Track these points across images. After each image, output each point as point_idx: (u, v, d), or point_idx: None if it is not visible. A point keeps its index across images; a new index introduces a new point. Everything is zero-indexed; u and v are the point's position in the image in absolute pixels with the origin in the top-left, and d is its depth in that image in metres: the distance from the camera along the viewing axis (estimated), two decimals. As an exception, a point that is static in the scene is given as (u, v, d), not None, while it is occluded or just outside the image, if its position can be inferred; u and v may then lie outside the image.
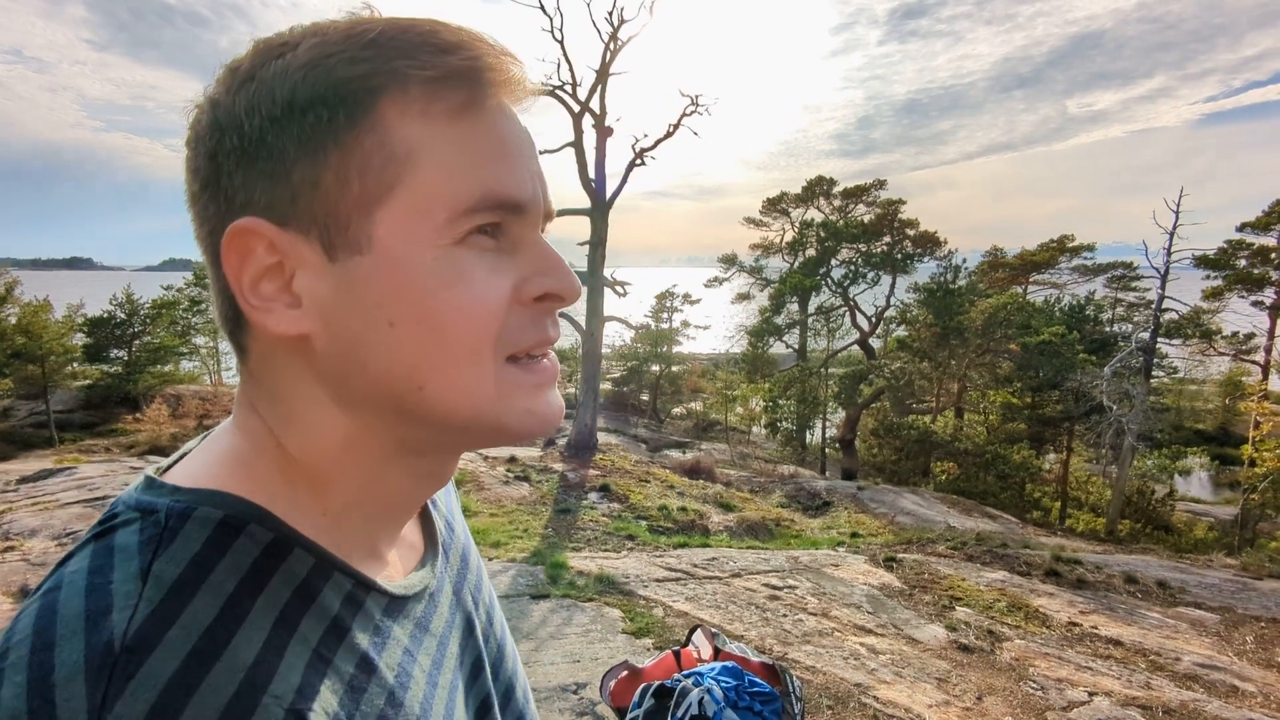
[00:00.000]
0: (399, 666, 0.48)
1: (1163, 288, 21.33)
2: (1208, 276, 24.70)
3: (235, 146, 0.43)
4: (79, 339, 23.19)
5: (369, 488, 0.49)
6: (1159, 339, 22.19)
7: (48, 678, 0.34)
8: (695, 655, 3.44)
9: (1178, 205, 20.64)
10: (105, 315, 23.87)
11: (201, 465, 0.47)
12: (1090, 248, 31.95)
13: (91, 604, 0.36)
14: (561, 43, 15.02)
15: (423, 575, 0.56)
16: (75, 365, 22.89)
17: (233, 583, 0.40)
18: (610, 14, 15.06)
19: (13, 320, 20.76)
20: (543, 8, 14.88)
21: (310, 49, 0.43)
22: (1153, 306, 22.28)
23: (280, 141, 0.42)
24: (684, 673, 3.10)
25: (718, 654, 3.43)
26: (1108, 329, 29.42)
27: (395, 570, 0.55)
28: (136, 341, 23.98)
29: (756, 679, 3.07)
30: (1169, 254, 21.06)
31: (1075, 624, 5.97)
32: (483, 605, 0.66)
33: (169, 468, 0.49)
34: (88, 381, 22.79)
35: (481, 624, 0.64)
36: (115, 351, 23.72)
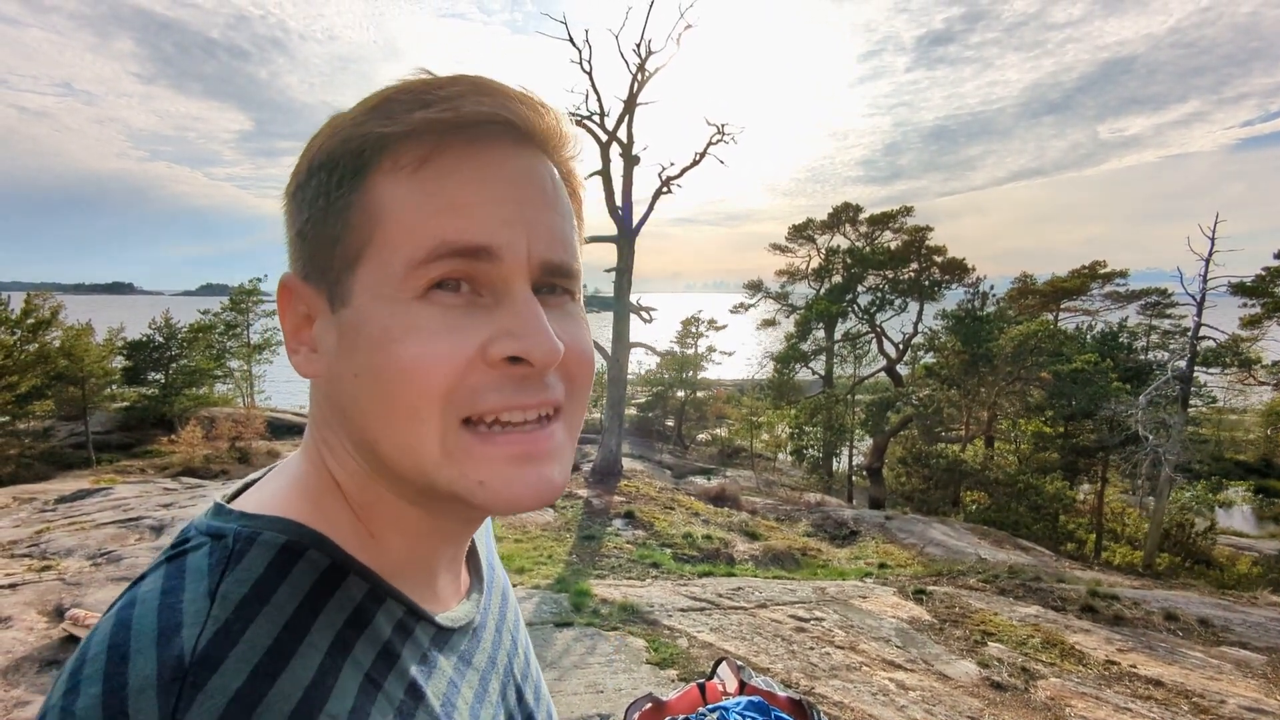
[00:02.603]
0: (444, 696, 0.50)
1: (1199, 315, 20.83)
2: (1245, 304, 24.09)
3: (284, 209, 0.49)
4: (118, 362, 23.79)
5: (399, 515, 0.51)
6: (1196, 367, 21.64)
7: (121, 689, 0.36)
8: (720, 689, 3.40)
9: (1213, 231, 20.23)
10: (144, 339, 24.49)
11: (269, 492, 0.51)
12: (1123, 274, 31.39)
13: (164, 620, 0.39)
14: (590, 74, 15.31)
15: (468, 609, 0.58)
16: (114, 387, 23.45)
17: (292, 605, 0.42)
18: (638, 46, 15.33)
19: (56, 343, 21.36)
20: (572, 40, 15.20)
21: (357, 110, 0.46)
22: (1189, 334, 21.76)
23: (299, 204, 0.47)
24: (708, 707, 3.06)
25: (743, 687, 3.38)
26: (1142, 357, 28.78)
27: (443, 601, 0.56)
28: (173, 365, 24.54)
29: (783, 714, 3.02)
30: (1205, 281, 20.60)
31: (1113, 662, 5.79)
32: (520, 645, 0.67)
33: (236, 495, 0.52)
34: (125, 403, 23.33)
35: (519, 665, 0.65)
36: (153, 374, 24.30)
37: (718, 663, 3.64)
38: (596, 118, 15.61)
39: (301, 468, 0.52)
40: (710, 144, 15.99)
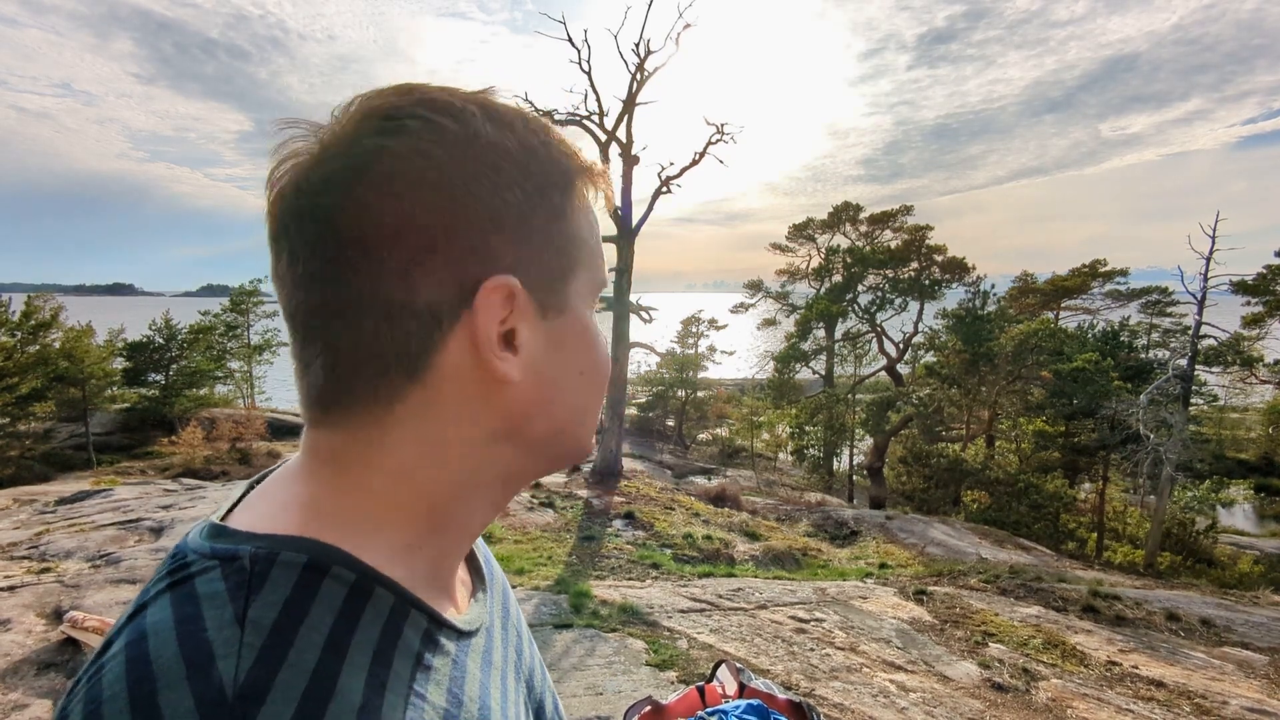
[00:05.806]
0: (480, 700, 0.49)
1: (1200, 314, 20.79)
2: (1247, 302, 24.05)
3: (484, 212, 0.46)
4: (119, 363, 23.78)
5: (459, 518, 0.51)
6: (1197, 366, 21.61)
7: None
8: (720, 692, 3.39)
9: (1214, 229, 20.19)
10: (145, 340, 24.47)
11: (272, 510, 0.48)
12: (1124, 273, 31.44)
13: (189, 652, 0.36)
14: (589, 74, 15.28)
15: (479, 610, 0.58)
16: (115, 389, 23.44)
17: (328, 624, 0.40)
18: (637, 45, 15.30)
19: (56, 345, 21.37)
20: (571, 40, 15.18)
21: (534, 132, 0.50)
22: (1190, 332, 21.72)
23: (534, 212, 0.49)
24: (707, 710, 3.05)
25: (743, 690, 3.37)
26: (1143, 356, 28.74)
27: (456, 605, 0.55)
28: (174, 365, 24.53)
29: (783, 718, 3.01)
30: (1206, 279, 20.56)
31: (1115, 663, 5.77)
32: (525, 638, 0.68)
33: (228, 513, 0.49)
34: (126, 404, 23.32)
35: (526, 659, 0.66)
36: (153, 375, 24.28)
37: (717, 665, 3.62)
38: (596, 118, 15.59)
39: (309, 489, 0.48)
40: (710, 143, 15.97)
